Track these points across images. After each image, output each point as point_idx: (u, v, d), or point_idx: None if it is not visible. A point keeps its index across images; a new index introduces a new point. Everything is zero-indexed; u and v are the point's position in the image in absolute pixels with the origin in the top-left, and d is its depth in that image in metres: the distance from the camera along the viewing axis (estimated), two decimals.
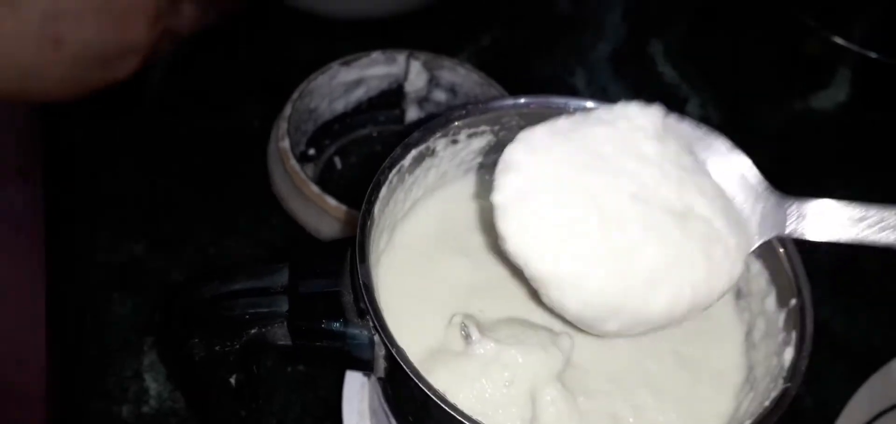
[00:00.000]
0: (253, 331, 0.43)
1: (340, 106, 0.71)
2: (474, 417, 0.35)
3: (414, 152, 0.44)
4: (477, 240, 0.47)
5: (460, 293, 0.45)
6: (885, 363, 0.58)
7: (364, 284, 0.37)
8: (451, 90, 0.71)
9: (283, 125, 0.64)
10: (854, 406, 0.58)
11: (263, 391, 0.52)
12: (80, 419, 0.57)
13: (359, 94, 0.71)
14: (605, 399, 0.41)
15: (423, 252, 0.47)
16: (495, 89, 0.69)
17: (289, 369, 0.58)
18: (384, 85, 0.71)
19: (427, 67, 0.70)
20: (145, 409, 0.57)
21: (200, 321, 0.43)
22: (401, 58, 0.70)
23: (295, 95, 0.66)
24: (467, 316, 0.42)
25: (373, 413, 0.51)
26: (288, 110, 0.65)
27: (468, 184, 0.49)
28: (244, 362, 0.45)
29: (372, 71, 0.70)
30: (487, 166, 0.49)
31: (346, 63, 0.68)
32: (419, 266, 0.46)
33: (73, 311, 0.61)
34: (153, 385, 0.58)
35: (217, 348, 0.44)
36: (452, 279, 0.45)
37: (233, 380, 0.46)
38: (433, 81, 0.71)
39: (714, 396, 0.42)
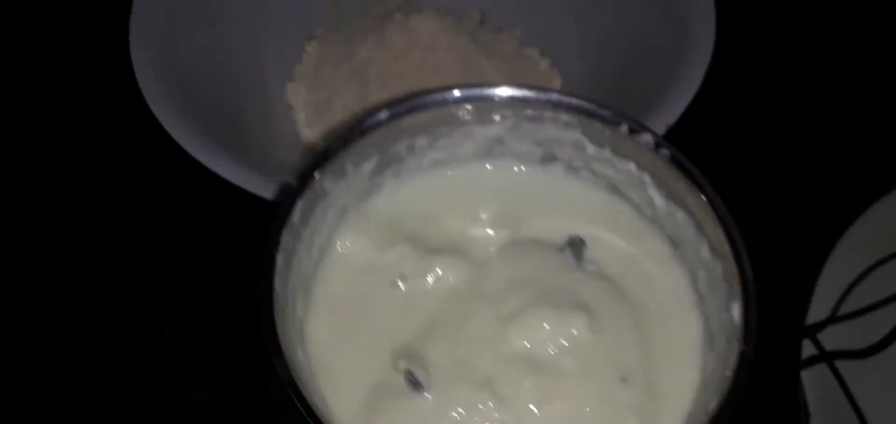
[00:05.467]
0: None
1: None
2: None
3: (301, 205, 0.40)
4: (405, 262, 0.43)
5: (400, 327, 0.41)
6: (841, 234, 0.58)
7: (288, 383, 0.34)
8: None
9: None
10: (822, 289, 0.57)
11: None
12: None
13: None
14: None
15: (350, 296, 0.43)
16: None
17: None
18: None
19: None
20: None
21: None
22: None
23: None
24: (412, 358, 0.39)
25: None
26: None
27: (372, 206, 0.45)
28: None
29: None
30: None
31: None
32: (349, 314, 0.42)
33: None
34: None
35: None
36: (390, 316, 0.42)
37: None
38: None
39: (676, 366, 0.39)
